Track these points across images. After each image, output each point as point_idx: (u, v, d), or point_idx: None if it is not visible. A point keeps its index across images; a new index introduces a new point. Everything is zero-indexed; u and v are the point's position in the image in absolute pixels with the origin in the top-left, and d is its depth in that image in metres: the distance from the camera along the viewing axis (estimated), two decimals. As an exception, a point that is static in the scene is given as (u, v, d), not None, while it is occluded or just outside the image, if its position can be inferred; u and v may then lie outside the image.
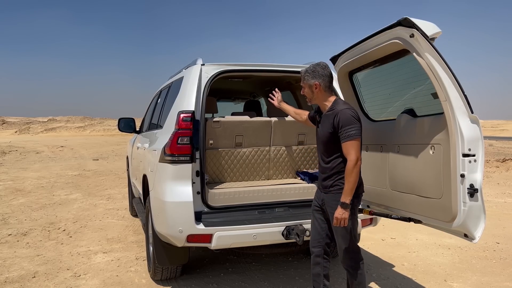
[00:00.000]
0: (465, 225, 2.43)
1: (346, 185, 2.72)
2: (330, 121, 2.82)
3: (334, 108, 2.86)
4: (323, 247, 3.02)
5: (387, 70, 3.07)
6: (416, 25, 2.40)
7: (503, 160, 14.17)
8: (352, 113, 2.77)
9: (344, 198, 2.72)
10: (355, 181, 2.72)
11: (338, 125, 2.77)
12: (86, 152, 22.41)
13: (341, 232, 2.85)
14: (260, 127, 3.90)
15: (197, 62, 3.56)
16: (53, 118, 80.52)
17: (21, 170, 13.45)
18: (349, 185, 2.71)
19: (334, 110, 2.84)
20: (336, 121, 2.77)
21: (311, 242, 3.07)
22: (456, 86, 2.37)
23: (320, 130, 2.97)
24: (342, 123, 2.75)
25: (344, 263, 2.93)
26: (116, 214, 6.95)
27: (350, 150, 2.73)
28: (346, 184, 2.72)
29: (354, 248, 2.91)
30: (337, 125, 2.77)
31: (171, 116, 3.51)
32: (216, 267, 4.34)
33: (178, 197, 3.16)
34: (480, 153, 2.36)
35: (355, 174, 2.71)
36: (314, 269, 3.05)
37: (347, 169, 2.72)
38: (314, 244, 3.05)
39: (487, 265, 4.46)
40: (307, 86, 2.94)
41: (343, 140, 2.76)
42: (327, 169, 2.90)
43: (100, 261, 4.54)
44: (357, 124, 2.75)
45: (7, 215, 6.76)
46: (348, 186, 2.71)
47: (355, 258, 2.91)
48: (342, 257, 2.92)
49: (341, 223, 2.72)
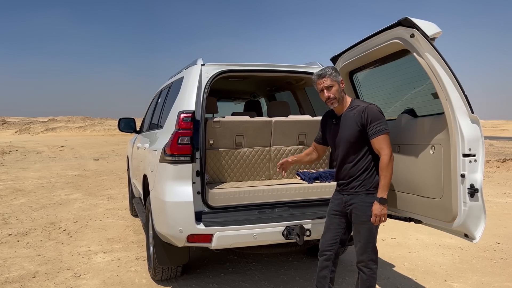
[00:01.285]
0: (465, 225, 2.43)
1: (383, 180, 2.69)
2: (357, 119, 2.76)
3: (356, 106, 2.81)
4: (335, 252, 2.97)
5: (387, 70, 3.07)
6: (416, 25, 2.40)
7: (503, 160, 14.16)
8: (378, 108, 2.77)
9: (381, 193, 2.69)
10: (391, 175, 2.70)
11: (367, 121, 2.72)
12: (86, 152, 22.42)
13: (367, 231, 2.79)
14: (261, 127, 3.90)
15: (198, 62, 3.56)
16: (53, 118, 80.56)
17: (21, 170, 13.46)
18: (386, 180, 2.68)
19: (358, 108, 2.79)
20: (365, 117, 2.73)
21: (324, 245, 2.98)
22: (456, 86, 2.37)
23: (343, 131, 2.85)
24: (372, 118, 2.71)
25: (362, 264, 2.85)
26: (116, 214, 6.96)
27: (382, 144, 2.69)
28: (382, 179, 2.69)
29: (376, 249, 2.86)
30: (366, 121, 2.73)
31: (172, 116, 3.51)
32: (217, 267, 4.34)
33: (179, 197, 3.16)
34: (480, 153, 2.36)
35: (391, 168, 2.68)
36: (321, 272, 2.98)
37: (383, 163, 2.68)
38: (326, 247, 2.97)
39: (488, 265, 4.46)
40: (336, 84, 2.80)
41: (375, 135, 2.71)
42: (355, 170, 2.83)
43: (101, 261, 4.54)
44: (384, 119, 2.75)
45: (7, 215, 6.77)
46: (385, 181, 2.68)
47: (375, 259, 2.85)
48: (362, 258, 2.84)
49: (381, 219, 2.69)
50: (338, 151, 2.92)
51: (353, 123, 2.78)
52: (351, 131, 2.80)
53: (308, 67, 3.91)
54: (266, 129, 3.92)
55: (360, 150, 2.81)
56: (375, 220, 2.69)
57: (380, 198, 2.68)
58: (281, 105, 4.56)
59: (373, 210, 2.70)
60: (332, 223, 2.97)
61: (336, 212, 2.96)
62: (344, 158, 2.88)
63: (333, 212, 2.97)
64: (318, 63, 3.95)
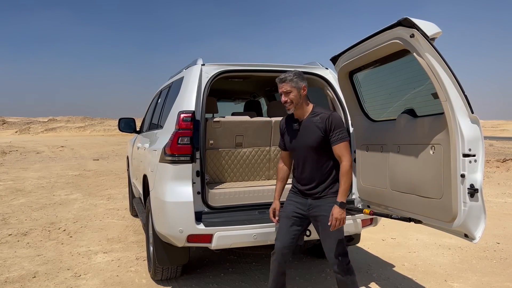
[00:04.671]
0: (465, 226, 2.43)
1: (344, 185, 2.80)
2: (321, 125, 2.87)
3: (319, 113, 2.91)
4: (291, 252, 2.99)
5: (387, 70, 3.07)
6: (416, 25, 2.39)
7: (503, 160, 14.16)
8: (340, 116, 2.92)
9: (341, 198, 2.79)
10: (351, 181, 2.84)
11: (330, 127, 2.85)
12: (86, 152, 22.42)
13: (336, 234, 2.85)
14: (260, 127, 3.90)
15: (198, 62, 3.56)
16: (53, 118, 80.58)
17: (21, 170, 13.46)
18: (346, 185, 2.80)
19: (322, 115, 2.89)
20: (329, 124, 2.84)
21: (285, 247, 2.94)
22: (456, 86, 2.36)
23: (305, 136, 2.93)
24: (335, 126, 2.85)
25: (336, 267, 2.85)
26: (116, 214, 6.96)
27: (344, 151, 2.84)
28: (343, 184, 2.80)
29: (345, 250, 2.89)
30: (330, 128, 2.85)
31: (171, 116, 3.51)
32: (216, 267, 4.34)
33: (179, 197, 3.16)
34: (480, 153, 2.36)
35: (351, 173, 2.82)
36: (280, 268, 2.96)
37: (344, 169, 2.81)
38: (286, 249, 2.94)
39: (488, 265, 4.46)
40: (296, 89, 2.88)
41: (337, 142, 2.84)
42: (320, 175, 2.93)
43: (101, 261, 4.54)
44: (345, 127, 2.88)
45: (7, 215, 6.77)
46: (345, 186, 2.80)
47: (346, 260, 2.87)
48: (334, 262, 2.85)
49: (341, 222, 2.77)
50: (299, 156, 2.99)
51: (317, 129, 2.88)
52: (314, 136, 2.89)
53: (308, 67, 3.91)
54: (266, 129, 3.92)
55: (323, 155, 2.92)
56: (335, 224, 2.75)
57: (340, 202, 2.77)
58: (281, 105, 4.54)
59: (333, 213, 2.76)
60: (292, 225, 2.97)
61: (298, 214, 2.98)
62: (306, 163, 2.95)
63: (294, 214, 2.98)
64: (318, 63, 3.95)
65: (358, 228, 3.51)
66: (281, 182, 3.18)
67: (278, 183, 3.18)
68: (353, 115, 3.55)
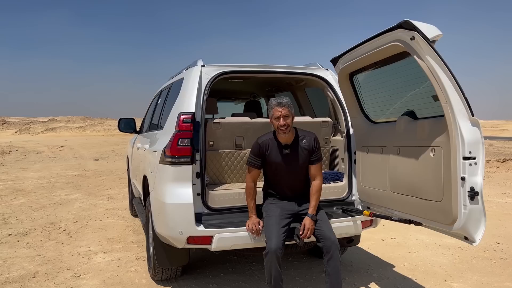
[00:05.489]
0: (465, 228, 2.43)
1: (315, 202, 3.13)
2: (309, 145, 3.18)
3: (305, 135, 3.22)
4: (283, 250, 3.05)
5: (387, 72, 3.07)
6: (416, 28, 2.39)
7: (503, 160, 14.16)
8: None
9: (312, 211, 3.10)
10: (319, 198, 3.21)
11: (314, 148, 3.19)
12: (86, 152, 22.42)
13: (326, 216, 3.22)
14: (261, 128, 3.89)
15: (198, 63, 3.56)
16: (53, 118, 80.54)
17: (21, 170, 13.46)
18: (317, 201, 3.16)
19: (308, 136, 3.21)
20: (315, 145, 3.19)
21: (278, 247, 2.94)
22: (456, 89, 2.37)
23: (299, 159, 3.18)
24: (317, 147, 3.21)
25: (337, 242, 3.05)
26: (116, 214, 6.96)
27: (319, 171, 3.23)
28: (315, 200, 3.13)
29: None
30: (314, 149, 3.19)
31: (172, 117, 3.50)
32: (216, 267, 4.34)
33: (179, 199, 3.16)
34: (480, 156, 2.36)
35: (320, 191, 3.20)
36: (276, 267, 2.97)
37: (318, 187, 3.17)
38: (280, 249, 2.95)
39: (488, 265, 4.46)
40: (292, 115, 3.12)
41: (316, 162, 3.21)
42: (304, 188, 3.26)
43: (101, 261, 4.54)
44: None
45: (7, 215, 6.77)
46: (316, 202, 3.14)
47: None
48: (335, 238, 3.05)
49: (310, 232, 3.03)
50: (287, 176, 3.21)
51: (306, 151, 3.19)
52: (304, 157, 3.19)
53: (308, 68, 3.91)
54: (266, 130, 3.90)
55: (306, 172, 3.26)
56: (306, 234, 3.01)
57: (312, 215, 3.08)
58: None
59: (305, 224, 3.04)
60: (284, 225, 3.09)
61: (290, 213, 3.18)
62: (296, 181, 3.24)
63: (283, 213, 3.14)
64: (318, 64, 3.95)
65: (358, 229, 3.51)
66: (254, 200, 3.25)
67: (251, 202, 3.23)
68: (353, 117, 3.55)
